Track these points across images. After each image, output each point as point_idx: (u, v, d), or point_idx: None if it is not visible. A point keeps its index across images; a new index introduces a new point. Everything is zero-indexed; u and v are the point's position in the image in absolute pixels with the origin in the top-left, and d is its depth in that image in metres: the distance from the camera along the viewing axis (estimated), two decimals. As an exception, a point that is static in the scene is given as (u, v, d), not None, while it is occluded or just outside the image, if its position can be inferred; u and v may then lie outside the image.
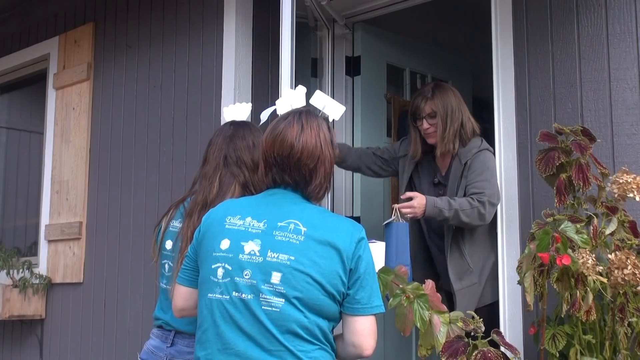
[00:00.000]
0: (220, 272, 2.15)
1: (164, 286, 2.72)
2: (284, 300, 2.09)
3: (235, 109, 2.96)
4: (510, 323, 3.18)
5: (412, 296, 2.28)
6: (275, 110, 2.67)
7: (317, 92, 2.55)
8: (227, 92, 4.14)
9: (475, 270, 3.43)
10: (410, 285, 2.33)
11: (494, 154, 3.42)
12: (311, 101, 2.53)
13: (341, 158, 3.75)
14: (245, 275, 2.12)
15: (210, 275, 2.17)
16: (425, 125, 3.53)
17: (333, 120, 2.50)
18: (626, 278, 2.39)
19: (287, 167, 2.25)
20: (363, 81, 4.47)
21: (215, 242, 2.20)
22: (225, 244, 2.18)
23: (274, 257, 2.12)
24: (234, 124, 2.81)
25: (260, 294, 2.10)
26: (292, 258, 2.11)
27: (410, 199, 3.28)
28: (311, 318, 2.11)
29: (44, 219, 5.19)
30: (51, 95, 5.34)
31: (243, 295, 2.11)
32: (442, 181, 3.61)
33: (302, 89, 2.49)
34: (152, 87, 4.61)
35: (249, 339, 2.09)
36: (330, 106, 2.49)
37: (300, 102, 2.46)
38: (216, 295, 2.14)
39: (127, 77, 4.80)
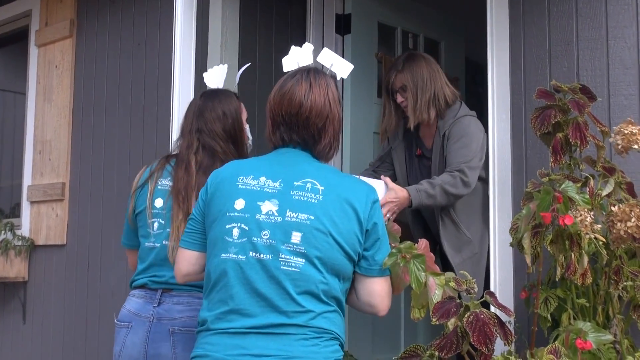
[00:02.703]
0: (235, 232, 2.13)
1: (152, 244, 2.68)
2: (304, 260, 2.08)
3: (213, 73, 3.00)
4: (501, 287, 3.13)
5: (408, 256, 2.22)
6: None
7: (325, 50, 2.51)
8: (214, 51, 4.05)
9: (475, 240, 3.39)
10: (404, 244, 2.27)
11: (477, 116, 3.36)
12: (318, 59, 2.49)
13: None
14: (264, 235, 2.10)
15: (224, 236, 2.14)
16: (399, 98, 3.51)
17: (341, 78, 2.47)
18: (629, 231, 2.32)
19: (295, 125, 2.23)
20: (353, 40, 4.39)
21: (228, 203, 2.17)
22: (240, 204, 2.15)
23: (293, 216, 2.11)
24: (203, 95, 2.84)
25: (280, 254, 2.09)
26: (312, 217, 2.11)
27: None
28: (329, 279, 2.11)
29: (27, 180, 5.10)
30: (33, 53, 5.21)
31: (261, 256, 2.09)
32: (426, 154, 3.55)
33: (309, 46, 2.44)
34: (136, 45, 4.50)
35: (264, 300, 2.08)
36: (337, 64, 2.46)
37: (307, 60, 2.40)
38: (231, 255, 2.12)
39: (111, 34, 4.69)
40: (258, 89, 4.22)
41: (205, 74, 3.02)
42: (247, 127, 2.92)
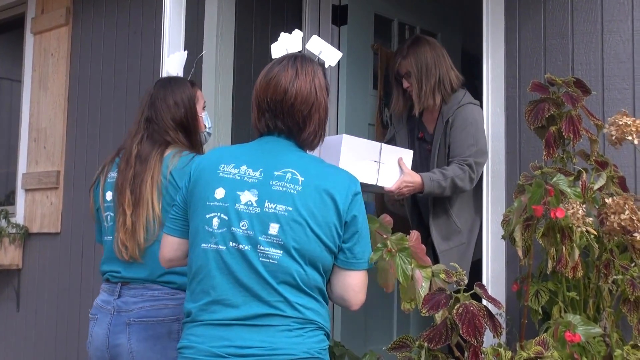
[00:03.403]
0: (215, 222, 2.12)
1: (108, 237, 2.73)
2: (281, 251, 2.07)
3: (174, 59, 3.03)
4: (494, 280, 3.14)
5: (394, 250, 2.22)
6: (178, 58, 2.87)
7: (314, 37, 2.49)
8: (209, 40, 4.03)
9: (464, 230, 3.39)
10: (394, 236, 2.27)
11: (480, 105, 3.35)
12: (307, 46, 2.47)
13: None
14: (243, 225, 2.09)
15: (205, 225, 2.13)
16: (405, 84, 3.50)
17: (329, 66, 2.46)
18: (622, 224, 2.32)
19: (280, 112, 2.20)
20: (350, 31, 4.37)
21: (208, 191, 2.15)
22: (220, 193, 2.14)
23: (271, 207, 2.09)
24: (157, 84, 2.84)
25: (258, 246, 2.07)
26: (290, 209, 2.09)
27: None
28: (308, 271, 2.10)
29: (21, 168, 5.10)
30: (29, 40, 5.20)
31: (240, 246, 2.08)
32: (427, 138, 3.55)
33: (298, 33, 2.43)
34: (132, 34, 4.49)
35: (246, 290, 2.07)
36: (326, 52, 2.44)
37: (296, 47, 2.39)
38: (211, 246, 2.11)
39: (107, 22, 4.67)
40: (253, 80, 4.20)
41: (167, 59, 3.04)
42: (204, 114, 2.92)
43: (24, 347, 4.96)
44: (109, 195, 2.72)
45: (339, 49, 4.30)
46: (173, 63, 3.02)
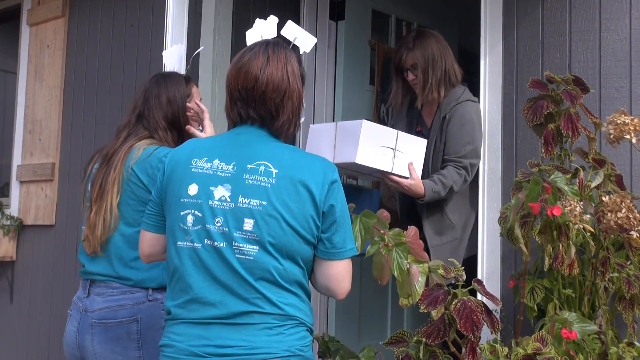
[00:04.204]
0: (190, 219, 2.07)
1: (83, 228, 2.72)
2: (257, 247, 2.03)
3: (170, 52, 3.02)
4: (489, 276, 3.14)
5: (390, 244, 2.21)
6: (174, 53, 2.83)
7: (289, 23, 2.42)
8: (206, 34, 4.03)
9: (458, 226, 3.39)
10: (392, 231, 2.27)
11: (478, 102, 3.35)
12: (282, 32, 2.42)
13: None
14: (217, 222, 2.05)
15: (179, 223, 2.09)
16: (410, 77, 3.47)
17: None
18: (619, 222, 2.33)
19: (251, 101, 2.14)
20: (347, 26, 4.38)
21: (182, 188, 2.11)
22: (193, 189, 2.09)
23: (245, 202, 2.04)
24: (152, 80, 2.81)
25: (233, 242, 2.03)
26: (264, 203, 2.04)
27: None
28: (286, 265, 2.05)
29: (16, 159, 5.10)
30: (25, 31, 5.19)
31: (215, 243, 2.04)
32: (424, 132, 3.55)
33: (273, 19, 2.39)
34: (129, 26, 4.48)
35: (224, 288, 2.04)
36: (301, 38, 2.37)
37: (271, 33, 2.35)
38: (187, 244, 2.07)
39: (104, 15, 4.66)
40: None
41: (164, 53, 3.01)
42: None
43: (17, 339, 4.96)
44: (89, 187, 2.72)
45: (336, 45, 4.35)
46: (170, 57, 2.99)
